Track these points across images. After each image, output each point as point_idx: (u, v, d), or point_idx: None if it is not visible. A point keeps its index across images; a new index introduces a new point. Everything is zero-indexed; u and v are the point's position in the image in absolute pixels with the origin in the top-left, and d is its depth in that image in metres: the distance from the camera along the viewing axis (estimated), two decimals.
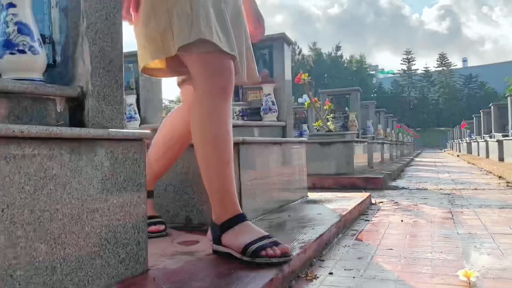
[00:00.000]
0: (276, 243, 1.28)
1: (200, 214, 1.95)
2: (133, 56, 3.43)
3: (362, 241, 1.87)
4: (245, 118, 2.64)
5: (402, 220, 2.34)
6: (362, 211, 2.67)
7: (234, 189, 1.40)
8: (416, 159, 12.87)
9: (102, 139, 1.07)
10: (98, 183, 1.05)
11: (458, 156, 13.91)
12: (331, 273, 1.38)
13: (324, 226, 1.87)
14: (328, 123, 5.66)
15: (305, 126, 8.33)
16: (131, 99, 3.15)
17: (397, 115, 51.33)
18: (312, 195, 3.02)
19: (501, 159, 7.24)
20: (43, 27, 1.14)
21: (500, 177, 5.14)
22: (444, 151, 23.87)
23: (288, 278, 1.28)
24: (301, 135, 7.40)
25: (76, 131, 0.98)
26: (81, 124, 1.12)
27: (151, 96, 3.37)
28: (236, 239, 1.31)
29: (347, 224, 2.21)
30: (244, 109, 2.61)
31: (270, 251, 1.24)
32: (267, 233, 1.33)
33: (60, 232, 0.94)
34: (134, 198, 1.17)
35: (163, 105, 2.98)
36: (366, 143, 6.14)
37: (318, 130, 5.68)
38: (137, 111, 3.17)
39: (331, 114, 5.85)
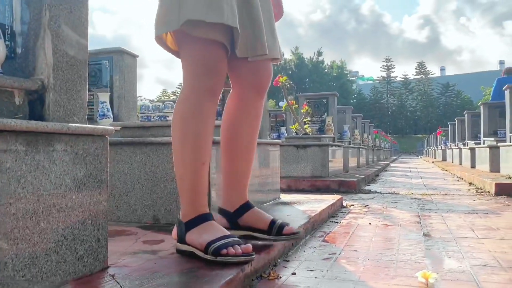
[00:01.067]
0: (239, 243, 1.27)
1: (168, 214, 1.94)
2: (108, 53, 3.40)
3: (328, 242, 1.89)
4: (219, 118, 2.63)
5: (370, 223, 2.37)
6: (333, 213, 2.69)
7: (205, 191, 1.38)
8: (392, 164, 13.07)
9: (61, 134, 1.05)
10: (56, 178, 1.03)
11: (433, 162, 14.18)
12: (294, 273, 1.39)
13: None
14: (305, 126, 5.70)
15: (283, 129, 8.37)
16: (104, 96, 3.11)
17: (376, 121, 52.13)
18: (285, 197, 3.04)
19: (473, 166, 7.41)
20: (4, 17, 1.11)
21: (470, 183, 5.26)
22: (421, 157, 24.30)
23: (249, 278, 1.28)
24: (279, 137, 7.43)
25: (32, 124, 0.96)
26: (41, 118, 1.10)
27: (125, 93, 3.33)
28: (199, 237, 1.30)
29: (315, 225, 2.22)
30: (219, 109, 2.60)
31: (231, 250, 1.23)
32: (230, 233, 1.33)
33: (13, 227, 0.92)
34: (94, 194, 1.16)
35: (141, 103, 2.96)
36: (342, 147, 6.21)
37: (296, 133, 5.71)
38: (110, 108, 3.13)
39: (308, 118, 5.89)
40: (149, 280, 1.11)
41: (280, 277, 1.35)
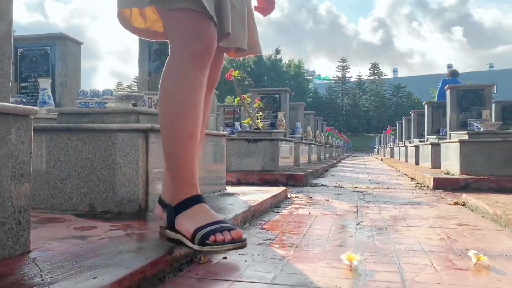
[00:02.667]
0: (228, 228, 1.18)
1: (105, 202, 1.91)
2: (50, 39, 3.28)
3: (266, 230, 1.93)
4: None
5: (309, 213, 2.43)
6: (276, 204, 2.74)
7: (194, 167, 1.26)
8: (343, 161, 13.42)
9: None
10: None
11: (381, 160, 14.68)
12: (225, 258, 1.41)
13: (230, 214, 1.90)
14: (257, 121, 5.74)
15: (237, 124, 8.40)
16: (45, 83, 3.00)
17: (331, 120, 53.25)
18: (231, 189, 3.06)
19: (417, 163, 7.75)
20: None
21: (412, 178, 5.50)
22: (371, 155, 25.09)
23: (179, 261, 1.29)
24: (232, 133, 7.44)
25: None
26: None
27: (68, 81, 3.23)
28: (187, 222, 1.20)
29: (256, 214, 2.26)
30: None
31: (220, 236, 1.14)
32: (221, 218, 1.22)
33: None
34: (15, 176, 1.12)
35: (80, 90, 2.88)
36: (293, 143, 6.31)
37: (249, 128, 5.75)
38: (51, 96, 3.02)
39: (260, 113, 5.94)
40: (72, 263, 1.09)
41: (211, 261, 1.37)
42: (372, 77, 62.88)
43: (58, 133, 1.97)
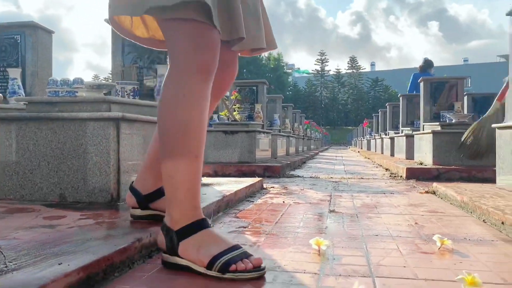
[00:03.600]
0: (246, 255, 1.11)
1: (76, 192, 1.88)
2: (20, 27, 3.20)
3: (239, 218, 1.94)
4: (137, 98, 2.59)
5: (283, 202, 2.46)
6: (251, 194, 2.75)
7: (198, 190, 1.17)
8: (321, 153, 13.55)
9: None
10: None
11: (358, 152, 14.88)
12: None
13: (204, 203, 1.90)
14: (234, 113, 5.74)
15: (215, 116, 8.37)
16: (14, 73, 2.93)
17: (310, 113, 53.55)
18: (207, 180, 3.06)
19: (392, 154, 7.88)
20: None
21: (387, 169, 5.60)
22: (349, 148, 25.39)
23: (148, 249, 1.29)
24: (210, 125, 7.42)
25: None
26: None
27: (39, 71, 3.16)
28: (198, 250, 1.10)
29: (230, 204, 2.27)
30: (136, 88, 2.55)
31: (241, 265, 1.06)
32: (235, 243, 1.14)
33: None
34: None
35: (50, 78, 2.83)
36: (270, 135, 6.34)
37: (227, 120, 5.74)
38: (21, 86, 2.95)
39: (237, 105, 5.94)
40: (37, 250, 1.08)
41: None
42: (350, 71, 63.44)
43: (27, 122, 1.94)
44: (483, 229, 1.73)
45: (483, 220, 1.90)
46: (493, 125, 2.83)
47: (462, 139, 3.75)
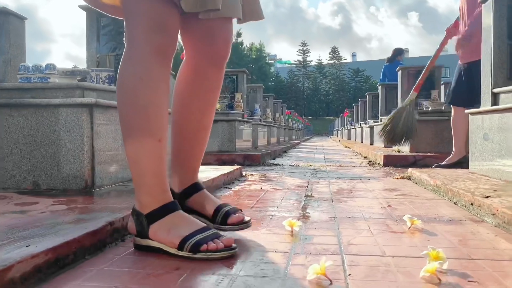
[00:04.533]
0: (217, 235, 1.11)
1: (49, 179, 1.86)
2: None
3: None
4: (112, 85, 2.55)
5: (261, 188, 2.48)
6: (229, 181, 2.76)
7: (165, 173, 1.16)
8: (303, 143, 13.63)
9: None
10: None
11: (339, 141, 15.02)
12: None
13: None
14: None
15: None
16: None
17: (292, 104, 53.70)
18: None
19: (371, 143, 7.98)
20: None
21: (365, 157, 5.68)
22: (331, 137, 25.59)
23: (120, 232, 1.29)
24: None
25: None
26: None
27: (12, 58, 3.08)
28: (168, 231, 1.10)
29: (207, 190, 2.26)
30: (112, 75, 2.52)
31: (212, 245, 1.07)
32: (205, 224, 1.15)
33: None
34: None
35: (21, 64, 2.77)
36: (251, 124, 6.35)
37: None
38: None
39: None
40: (6, 234, 1.07)
41: None
42: (332, 61, 63.73)
43: None
44: (453, 210, 1.78)
45: (454, 202, 1.95)
46: (466, 111, 2.89)
47: (382, 126, 3.89)
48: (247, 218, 1.30)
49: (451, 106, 3.71)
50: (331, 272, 0.95)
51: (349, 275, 0.96)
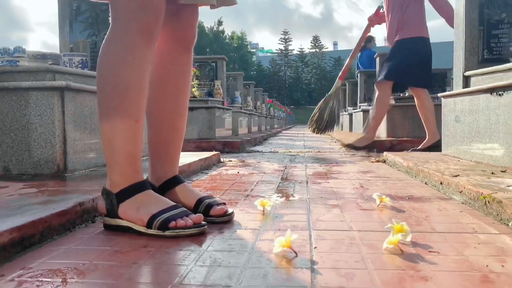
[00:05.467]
0: (186, 213, 1.12)
1: (20, 164, 1.84)
2: None
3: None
4: (86, 69, 2.52)
5: (238, 172, 2.49)
6: (206, 167, 2.76)
7: (139, 154, 1.15)
8: (284, 132, 13.67)
9: None
10: None
11: None
12: None
13: None
14: (193, 90, 5.68)
15: None
16: None
17: (274, 93, 53.71)
18: None
19: (351, 130, 8.07)
20: None
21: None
22: None
23: (91, 214, 1.28)
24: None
25: None
26: None
27: None
28: (137, 210, 1.10)
29: (184, 175, 2.25)
30: (85, 60, 2.48)
31: (181, 222, 1.07)
32: (174, 203, 1.15)
33: None
34: None
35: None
36: (231, 111, 6.33)
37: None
38: None
39: (196, 81, 5.88)
40: None
41: None
42: (313, 50, 63.78)
43: None
44: (423, 189, 1.82)
45: (425, 183, 2.00)
46: (439, 94, 2.94)
47: (312, 115, 3.99)
48: (230, 210, 1.28)
49: (413, 93, 3.84)
50: (297, 246, 0.97)
51: (315, 248, 0.98)
